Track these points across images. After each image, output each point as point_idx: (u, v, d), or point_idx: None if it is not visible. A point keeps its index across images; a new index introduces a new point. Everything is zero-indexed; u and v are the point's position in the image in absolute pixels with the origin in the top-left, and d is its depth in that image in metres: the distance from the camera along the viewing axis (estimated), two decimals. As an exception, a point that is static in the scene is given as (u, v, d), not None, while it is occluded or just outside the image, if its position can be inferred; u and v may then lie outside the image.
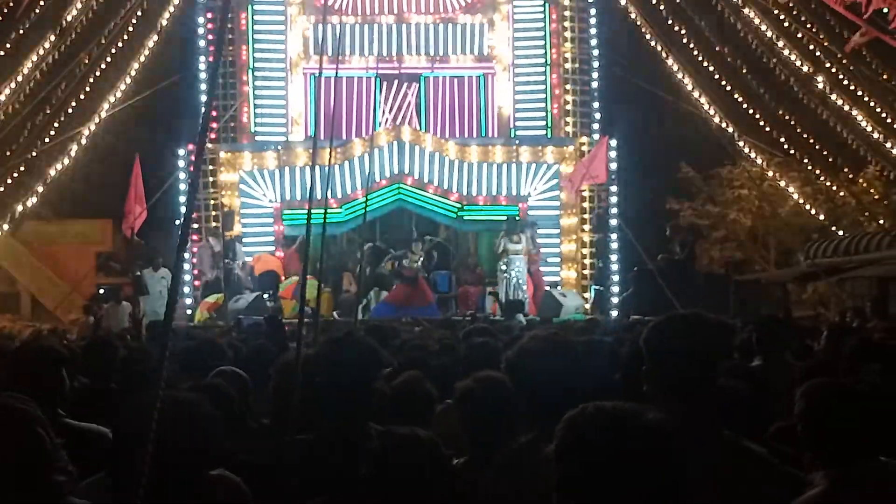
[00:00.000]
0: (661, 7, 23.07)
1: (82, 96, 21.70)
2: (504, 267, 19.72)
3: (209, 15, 21.78)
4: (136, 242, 19.28)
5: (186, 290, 19.92)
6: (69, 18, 20.92)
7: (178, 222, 20.88)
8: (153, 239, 20.21)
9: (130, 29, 21.93)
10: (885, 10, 18.51)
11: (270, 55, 22.16)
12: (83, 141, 21.41)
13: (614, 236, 20.75)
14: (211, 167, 20.94)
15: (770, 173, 23.73)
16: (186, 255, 19.67)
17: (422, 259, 20.01)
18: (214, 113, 21.04)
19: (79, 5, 20.98)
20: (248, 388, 5.00)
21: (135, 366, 5.87)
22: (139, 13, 21.85)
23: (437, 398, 4.93)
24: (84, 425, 4.47)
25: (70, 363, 4.67)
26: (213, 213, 20.90)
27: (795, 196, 23.52)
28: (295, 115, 22.12)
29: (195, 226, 20.27)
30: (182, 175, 20.51)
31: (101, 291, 21.38)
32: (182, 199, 20.61)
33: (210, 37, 21.62)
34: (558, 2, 22.58)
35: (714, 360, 3.34)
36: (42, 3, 20.71)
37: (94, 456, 3.85)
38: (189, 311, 19.56)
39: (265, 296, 19.19)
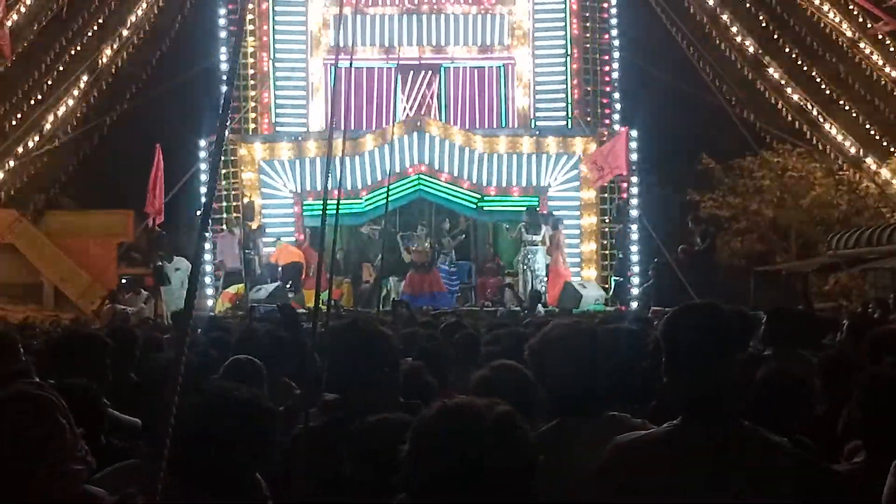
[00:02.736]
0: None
1: (104, 86, 21.83)
2: (522, 258, 19.75)
3: (230, 6, 21.83)
4: (156, 233, 19.38)
5: (207, 280, 19.99)
6: (92, 8, 21.03)
7: (198, 213, 20.94)
8: (175, 230, 20.30)
9: (152, 19, 22.03)
10: None
11: (291, 45, 22.19)
12: (104, 131, 21.58)
13: (634, 227, 20.69)
14: (231, 158, 20.99)
15: (792, 164, 23.61)
16: (207, 246, 19.73)
17: (430, 243, 19.93)
18: (235, 104, 21.08)
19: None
20: (262, 376, 4.99)
21: (154, 355, 5.90)
22: (160, 3, 21.96)
23: (437, 388, 4.93)
24: (127, 418, 4.46)
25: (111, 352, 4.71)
26: (235, 203, 20.97)
27: (817, 187, 23.40)
28: (315, 107, 22.14)
29: (217, 216, 20.33)
30: (203, 166, 20.58)
31: (123, 281, 21.48)
32: (203, 190, 20.67)
33: (231, 28, 21.65)
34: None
35: (732, 350, 3.33)
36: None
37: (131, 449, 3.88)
38: (210, 302, 19.64)
39: (288, 286, 19.26)
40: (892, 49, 21.12)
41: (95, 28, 21.68)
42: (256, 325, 7.71)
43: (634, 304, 19.74)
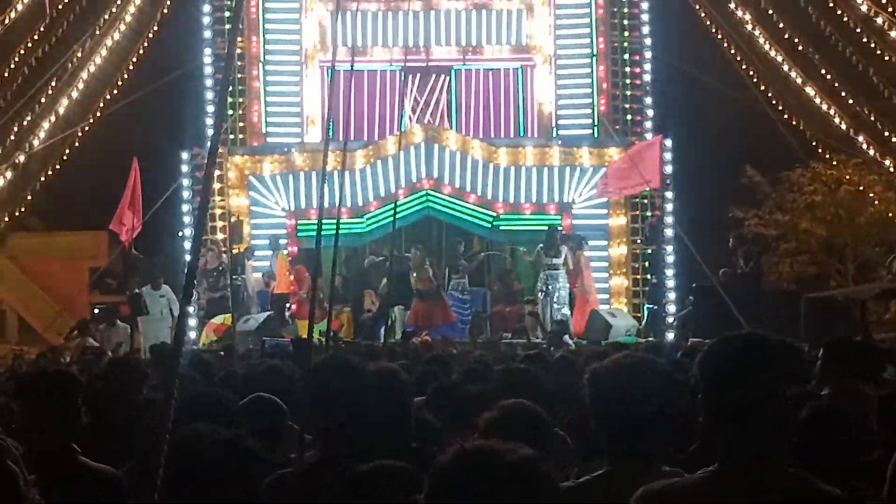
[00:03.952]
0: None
1: (74, 93, 21.96)
2: (542, 283, 19.71)
3: (215, 3, 21.97)
4: (133, 257, 19.46)
5: (190, 308, 20.04)
6: (60, 6, 21.19)
7: (180, 234, 21.05)
8: (153, 253, 20.38)
9: (128, 18, 22.19)
10: None
11: (283, 47, 22.33)
12: (76, 143, 21.71)
13: (670, 248, 20.68)
14: (217, 172, 21.07)
15: (847, 177, 23.60)
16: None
17: (432, 270, 19.96)
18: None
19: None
20: (284, 417, 5.02)
21: (132, 395, 5.94)
22: (137, 1, 22.12)
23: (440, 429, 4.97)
24: (99, 467, 4.52)
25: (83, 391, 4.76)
26: (220, 223, 21.04)
27: (876, 202, 23.38)
28: (311, 114, 22.25)
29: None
30: (185, 182, 20.67)
31: (96, 311, 21.56)
32: (185, 208, 20.76)
33: (217, 26, 21.79)
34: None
35: (778, 386, 3.35)
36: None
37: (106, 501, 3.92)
38: (193, 334, 19.70)
39: (284, 313, 19.37)
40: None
41: (64, 28, 21.83)
42: (267, 362, 7.74)
43: (670, 335, 19.70)
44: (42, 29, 21.60)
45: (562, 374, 7.24)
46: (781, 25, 22.64)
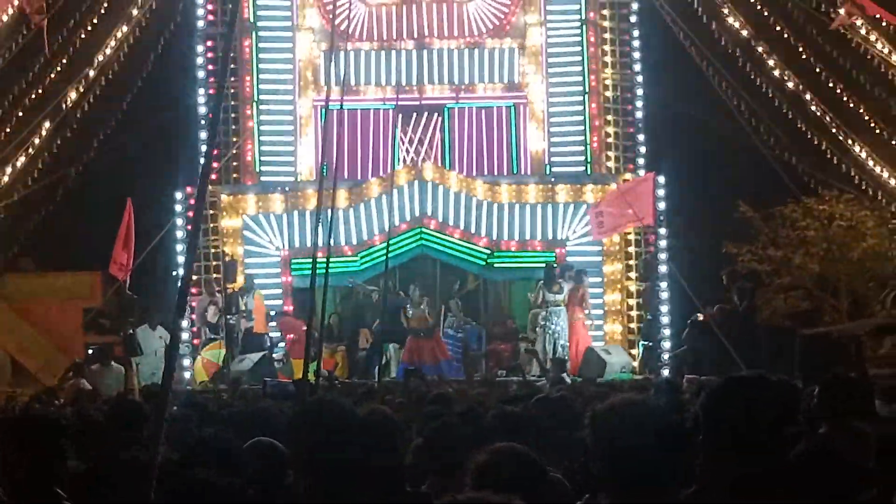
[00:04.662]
0: (713, 27, 23.21)
1: (68, 134, 22.00)
2: (543, 321, 19.75)
3: (209, 43, 22.07)
4: (128, 297, 19.43)
5: (185, 349, 20.01)
6: (54, 47, 21.25)
7: (175, 273, 21.05)
8: (147, 293, 20.36)
9: (121, 58, 22.26)
10: None
11: (277, 86, 22.42)
12: (69, 183, 21.72)
13: (664, 285, 20.74)
14: (211, 212, 21.12)
15: (840, 212, 23.65)
16: (186, 311, 19.78)
17: (428, 308, 19.99)
18: (215, 151, 21.24)
19: (65, 33, 21.32)
20: (285, 464, 4.98)
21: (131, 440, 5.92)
22: (131, 41, 22.18)
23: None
24: None
25: (70, 435, 4.73)
26: (214, 262, 21.05)
27: (869, 237, 23.41)
28: (304, 153, 22.29)
29: (193, 277, 20.40)
30: (179, 221, 20.69)
31: (90, 351, 21.48)
32: (179, 248, 20.77)
33: (211, 67, 21.88)
34: (597, 23, 22.73)
35: (778, 428, 3.37)
36: (24, 31, 21.07)
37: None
38: (187, 374, 19.66)
39: (274, 355, 19.36)
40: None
41: (59, 69, 21.89)
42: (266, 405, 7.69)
43: (665, 372, 19.70)
44: (37, 68, 21.65)
45: (560, 415, 7.22)
46: (772, 63, 22.77)
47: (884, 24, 21.55)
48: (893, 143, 22.82)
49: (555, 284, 19.87)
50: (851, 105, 22.69)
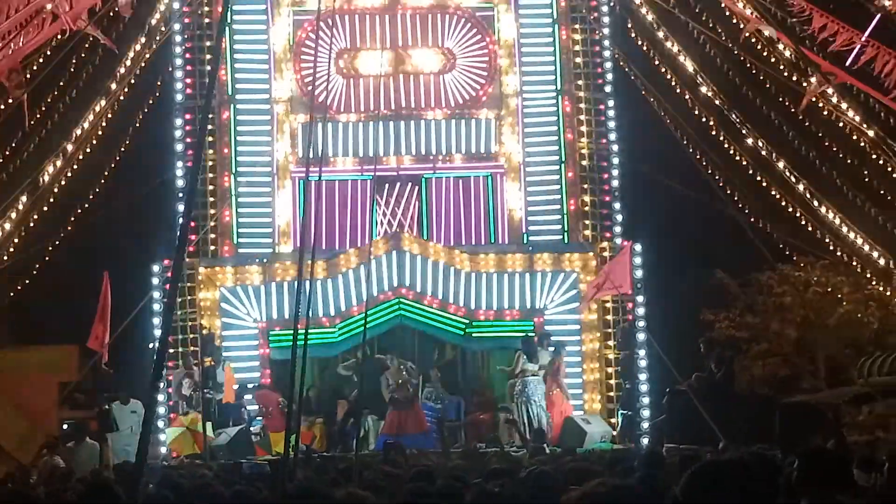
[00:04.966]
0: (687, 96, 23.49)
1: (45, 208, 21.98)
2: (520, 390, 19.77)
3: (188, 116, 22.14)
4: (104, 371, 19.30)
5: (161, 423, 19.85)
6: (34, 119, 21.30)
7: (151, 346, 20.92)
8: (124, 367, 20.22)
9: (100, 133, 22.31)
10: None
11: (255, 158, 22.46)
12: (45, 257, 21.68)
13: (642, 353, 20.74)
14: (189, 284, 21.05)
15: (815, 278, 23.77)
16: (161, 385, 19.67)
17: (407, 379, 19.96)
18: (193, 224, 21.25)
19: (43, 108, 21.39)
20: None
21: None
22: (108, 115, 22.26)
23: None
24: None
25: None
26: (192, 335, 20.95)
27: (845, 303, 23.51)
28: (282, 224, 22.31)
29: (170, 350, 20.30)
30: (157, 294, 20.63)
31: (65, 426, 21.28)
32: (157, 321, 20.68)
33: (189, 139, 21.93)
34: (572, 92, 22.92)
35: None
36: (3, 105, 21.10)
37: None
38: (163, 450, 19.46)
39: (251, 429, 19.24)
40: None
41: (37, 142, 21.92)
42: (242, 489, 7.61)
43: (645, 441, 19.64)
44: (15, 142, 21.68)
45: (539, 495, 7.16)
46: (745, 131, 23.02)
47: (854, 91, 21.81)
48: (866, 209, 23.02)
49: (533, 355, 19.95)
50: (824, 172, 22.90)
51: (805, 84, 22.05)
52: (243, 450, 18.64)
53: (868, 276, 23.70)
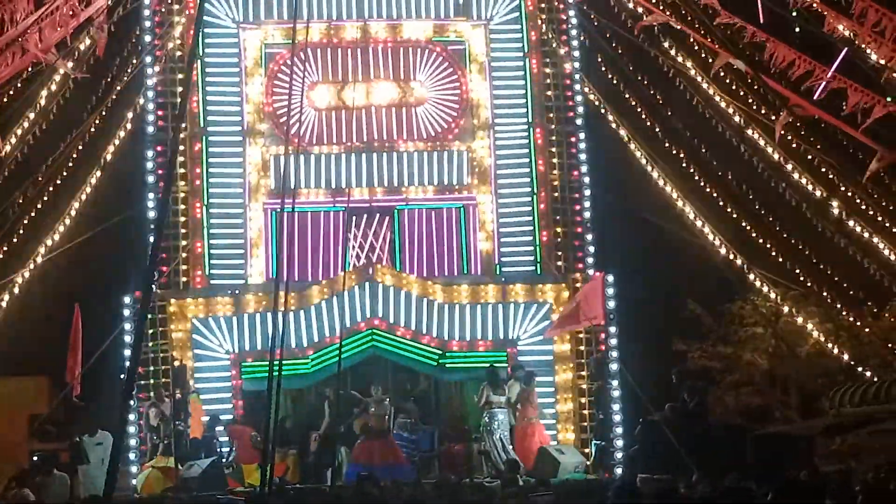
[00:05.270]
0: (657, 129, 23.64)
1: (15, 239, 21.82)
2: (486, 421, 19.76)
3: (158, 148, 22.03)
4: (75, 403, 19.10)
5: (132, 456, 19.63)
6: (2, 153, 21.17)
7: (123, 377, 20.74)
8: (96, 399, 20.03)
9: (70, 164, 22.21)
10: None
11: (227, 189, 22.35)
12: (16, 290, 21.47)
13: (615, 383, 20.72)
14: (160, 316, 20.88)
15: (786, 309, 23.90)
16: (132, 417, 19.48)
17: (389, 410, 19.93)
18: (164, 255, 21.12)
19: (13, 140, 21.26)
20: None
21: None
22: (80, 147, 22.16)
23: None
24: None
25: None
26: (164, 367, 20.77)
27: (815, 334, 23.65)
28: (254, 256, 22.20)
29: (142, 382, 20.13)
30: (128, 326, 20.47)
31: (35, 458, 21.04)
32: (127, 353, 20.49)
33: (160, 171, 21.82)
34: (544, 124, 22.98)
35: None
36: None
37: None
38: (134, 481, 19.24)
39: (223, 461, 19.08)
40: (890, 185, 21.77)
41: (6, 174, 21.78)
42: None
43: (619, 471, 19.60)
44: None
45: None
46: (715, 164, 23.19)
47: (822, 125, 22.00)
48: (834, 239, 23.18)
49: (498, 387, 19.90)
50: (794, 203, 23.05)
51: (773, 117, 22.22)
52: (216, 481, 18.46)
53: (839, 306, 23.86)
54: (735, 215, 23.31)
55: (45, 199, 21.81)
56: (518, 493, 15.74)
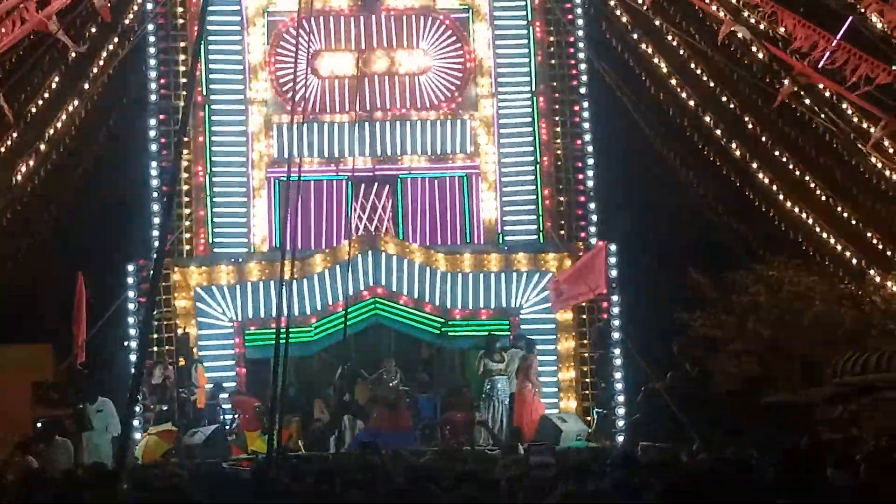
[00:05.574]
0: (662, 96, 23.50)
1: (19, 207, 21.78)
2: (486, 391, 19.80)
3: (162, 116, 21.96)
4: (79, 371, 19.12)
5: (136, 422, 19.67)
6: (5, 122, 21.12)
7: (126, 344, 20.78)
8: (98, 367, 20.06)
9: (73, 131, 22.13)
10: None
11: (230, 158, 22.28)
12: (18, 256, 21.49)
13: (617, 352, 20.75)
14: (164, 284, 20.87)
15: (789, 278, 23.83)
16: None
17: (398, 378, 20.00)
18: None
19: (16, 105, 21.18)
20: None
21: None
22: (82, 114, 22.08)
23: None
24: None
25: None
26: (167, 335, 20.78)
27: (818, 303, 23.58)
28: (258, 224, 22.14)
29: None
30: (131, 294, 20.45)
31: (39, 425, 21.08)
32: (131, 320, 20.52)
33: (163, 140, 21.76)
34: (547, 93, 22.88)
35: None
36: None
37: None
38: (136, 450, 19.31)
39: (226, 428, 19.14)
40: (892, 151, 21.64)
41: (10, 142, 21.71)
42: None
43: (620, 439, 19.65)
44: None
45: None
46: (719, 132, 23.08)
47: (827, 93, 21.88)
48: (839, 209, 23.10)
49: (496, 353, 19.91)
50: (797, 173, 22.96)
51: (778, 86, 22.09)
52: (219, 449, 18.52)
53: (841, 275, 23.78)
54: (738, 184, 23.21)
55: (48, 167, 21.71)
56: (518, 460, 15.73)
